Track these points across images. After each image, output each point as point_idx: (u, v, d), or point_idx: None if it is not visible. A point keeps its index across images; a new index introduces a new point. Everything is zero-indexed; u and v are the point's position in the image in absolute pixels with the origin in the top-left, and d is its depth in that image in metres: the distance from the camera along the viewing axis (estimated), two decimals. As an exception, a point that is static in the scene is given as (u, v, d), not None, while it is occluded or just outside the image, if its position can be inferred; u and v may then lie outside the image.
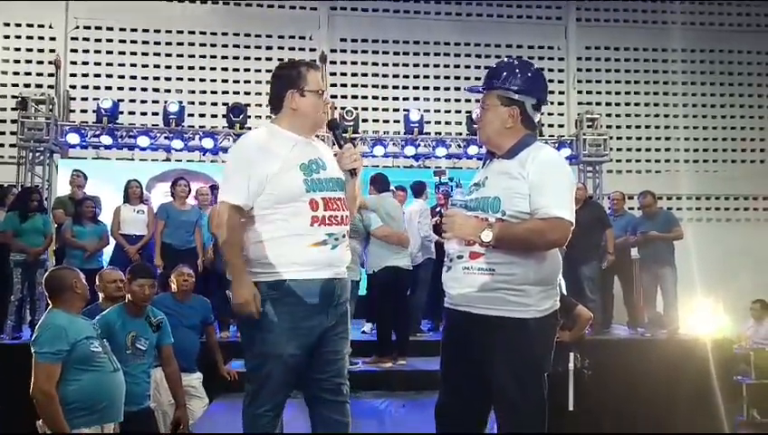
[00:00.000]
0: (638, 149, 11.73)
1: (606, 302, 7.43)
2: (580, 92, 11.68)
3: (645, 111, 11.76)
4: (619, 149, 11.31)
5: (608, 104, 11.66)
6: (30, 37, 10.43)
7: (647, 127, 11.75)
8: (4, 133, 10.19)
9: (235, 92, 10.72)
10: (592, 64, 11.80)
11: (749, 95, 12.02)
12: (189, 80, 10.72)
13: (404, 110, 10.42)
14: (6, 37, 10.39)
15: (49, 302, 3.62)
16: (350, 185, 2.77)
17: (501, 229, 2.39)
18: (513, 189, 2.44)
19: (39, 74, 10.31)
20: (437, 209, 7.44)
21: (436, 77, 11.30)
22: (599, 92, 11.74)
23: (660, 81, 11.80)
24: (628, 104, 11.76)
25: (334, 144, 2.85)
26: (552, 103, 11.51)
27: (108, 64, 10.56)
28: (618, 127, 11.52)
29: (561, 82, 11.60)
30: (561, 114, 11.56)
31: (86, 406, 3.35)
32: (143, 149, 9.24)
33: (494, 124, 2.58)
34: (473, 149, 9.68)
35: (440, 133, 10.45)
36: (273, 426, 2.68)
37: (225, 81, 10.81)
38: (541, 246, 2.43)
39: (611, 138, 10.35)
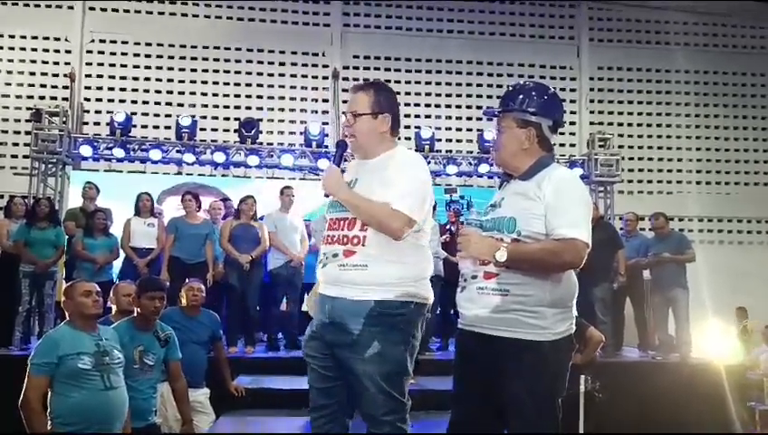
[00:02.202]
0: (650, 170, 11.69)
1: (617, 324, 7.35)
2: (592, 112, 11.68)
3: (656, 132, 11.74)
4: (630, 170, 11.30)
5: (620, 124, 11.64)
6: (46, 50, 10.54)
7: (659, 148, 11.72)
8: (17, 144, 10.27)
9: (247, 107, 10.77)
10: (605, 84, 11.80)
11: (762, 118, 11.99)
12: (202, 94, 10.79)
13: (415, 127, 10.47)
14: (23, 49, 10.49)
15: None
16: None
17: (515, 250, 2.37)
18: (528, 210, 2.42)
19: (54, 87, 10.42)
20: (447, 227, 7.42)
21: (448, 95, 11.33)
22: (611, 112, 11.73)
23: (672, 102, 11.78)
24: (640, 125, 11.73)
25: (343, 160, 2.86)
26: (563, 123, 11.48)
27: (122, 78, 10.64)
28: (630, 147, 11.50)
29: (573, 101, 11.59)
30: (573, 134, 11.55)
31: (71, 422, 3.34)
32: (155, 162, 9.29)
33: (510, 146, 2.57)
34: (483, 168, 9.67)
35: (451, 151, 10.45)
36: (321, 427, 2.64)
37: (237, 96, 10.87)
38: (555, 267, 2.40)
39: (623, 158, 10.33)
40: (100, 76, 10.62)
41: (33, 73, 10.45)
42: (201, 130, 10.01)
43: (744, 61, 12.08)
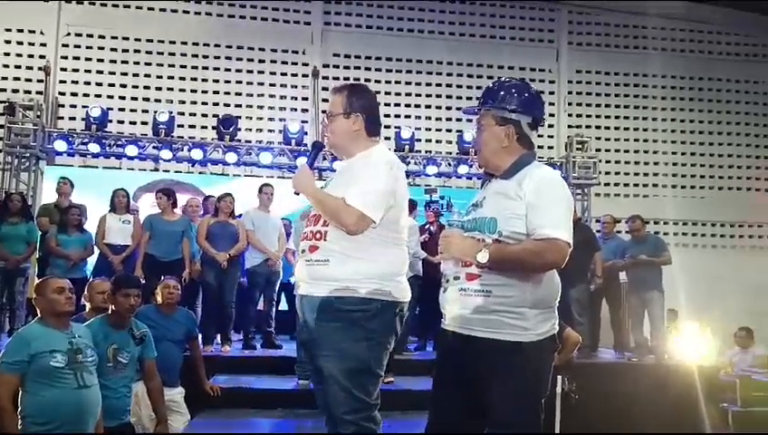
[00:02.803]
0: (627, 173, 11.81)
1: (594, 325, 7.40)
2: (570, 115, 11.76)
3: (634, 136, 11.86)
4: (607, 173, 11.42)
5: (597, 127, 11.74)
6: (20, 43, 10.34)
7: (635, 151, 11.85)
8: (-10, 138, 10.07)
9: (225, 104, 10.67)
10: (583, 87, 11.89)
11: (736, 123, 12.18)
12: (180, 90, 10.67)
13: (395, 127, 10.47)
14: (-4, 42, 10.30)
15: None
16: None
17: (496, 250, 2.35)
18: (509, 210, 2.40)
19: (28, 80, 10.21)
20: (426, 227, 7.42)
21: (428, 96, 11.34)
22: (589, 115, 11.82)
23: (649, 106, 11.90)
24: (617, 128, 11.84)
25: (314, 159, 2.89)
26: (542, 125, 11.54)
27: (98, 72, 10.48)
28: (607, 150, 11.60)
29: (552, 104, 11.66)
30: (552, 136, 11.63)
31: (42, 422, 3.27)
32: (131, 158, 9.19)
33: (490, 144, 2.55)
34: (463, 169, 9.70)
35: (431, 152, 10.46)
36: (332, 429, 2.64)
37: (216, 92, 10.77)
38: (537, 268, 2.38)
39: (601, 161, 10.42)
40: (75, 70, 10.45)
41: (6, 66, 10.23)
42: (179, 126, 9.93)
43: (720, 67, 12.25)
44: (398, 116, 11.15)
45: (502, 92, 2.58)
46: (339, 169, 2.83)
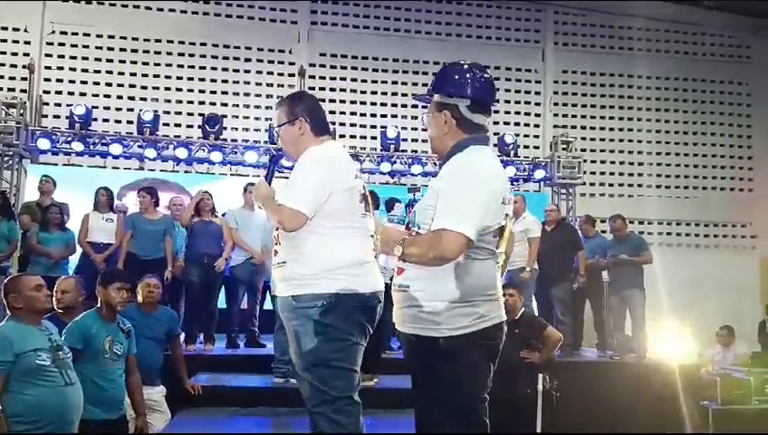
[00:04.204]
0: (612, 173, 11.86)
1: (576, 324, 7.44)
2: (555, 115, 11.80)
3: (618, 136, 11.92)
4: (592, 173, 11.48)
5: (582, 128, 11.78)
6: (4, 40, 10.25)
7: (620, 151, 11.91)
8: (-28, 136, 9.97)
9: (211, 103, 10.64)
10: (569, 88, 11.94)
11: (720, 123, 12.26)
12: (165, 89, 10.61)
13: (381, 126, 10.47)
14: (-20, 39, 10.21)
15: (7, 310, 3.51)
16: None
17: (405, 243, 2.30)
18: (426, 201, 2.36)
19: (12, 78, 10.12)
20: (405, 227, 7.41)
21: (414, 95, 11.29)
22: (574, 116, 11.86)
23: (634, 106, 11.96)
24: (602, 129, 11.89)
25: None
26: (527, 125, 11.63)
27: (83, 70, 10.41)
28: (592, 150, 11.65)
29: (537, 104, 11.72)
30: (537, 136, 11.66)
31: (29, 420, 3.24)
32: (116, 157, 9.14)
33: (433, 131, 2.52)
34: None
35: (416, 151, 10.47)
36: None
37: (201, 91, 10.72)
38: (428, 261, 2.25)
39: (585, 161, 10.47)
40: (60, 68, 10.37)
41: (-10, 63, 10.18)
42: (164, 125, 9.88)
43: (705, 68, 12.32)
44: (384, 116, 11.15)
45: (437, 78, 2.55)
46: None
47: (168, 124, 10.24)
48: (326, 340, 2.56)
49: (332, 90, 11.12)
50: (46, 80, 10.30)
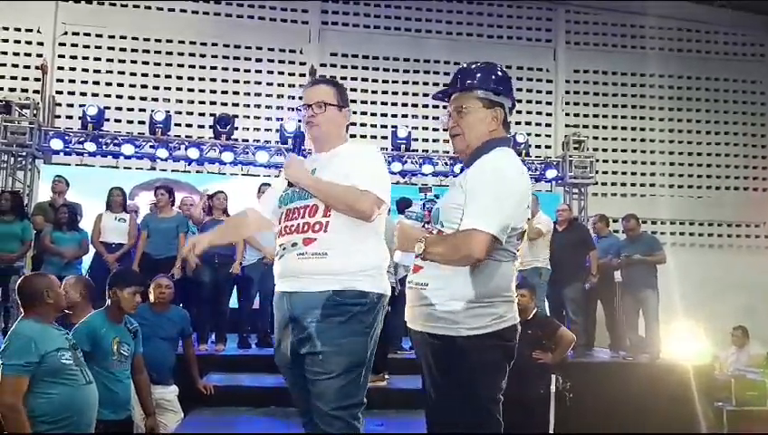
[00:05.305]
0: (624, 173, 11.81)
1: (588, 324, 7.40)
2: (567, 114, 11.75)
3: (631, 135, 11.86)
4: (604, 172, 11.42)
5: (594, 127, 11.74)
6: (17, 41, 10.34)
7: (632, 151, 11.85)
8: (-14, 137, 10.05)
9: (222, 103, 10.68)
10: (580, 87, 11.89)
11: (733, 123, 12.17)
12: (177, 89, 10.67)
13: (392, 126, 10.46)
14: (-6, 40, 10.29)
15: (21, 310, 3.50)
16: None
17: (428, 242, 2.27)
18: (452, 199, 2.32)
19: (25, 79, 10.21)
20: (422, 225, 7.39)
21: (425, 95, 11.31)
22: (586, 115, 11.81)
23: (647, 105, 11.90)
24: (614, 128, 11.84)
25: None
26: (539, 124, 11.59)
27: (95, 71, 10.48)
28: (604, 150, 11.60)
29: (549, 103, 11.67)
30: (549, 135, 11.63)
31: (54, 420, 3.22)
32: (128, 157, 9.17)
33: (477, 129, 2.38)
34: (459, 168, 9.68)
35: (427, 151, 10.45)
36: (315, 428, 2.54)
37: (213, 91, 10.77)
38: (454, 262, 2.23)
39: (597, 160, 10.42)
40: (72, 69, 10.45)
41: (3, 65, 10.25)
42: (175, 125, 9.92)
43: (718, 66, 12.25)
44: (394, 115, 11.16)
45: (480, 74, 2.43)
46: (320, 161, 2.69)
47: (179, 124, 10.30)
48: (367, 341, 2.47)
49: (343, 89, 11.08)
50: (59, 80, 10.39)
